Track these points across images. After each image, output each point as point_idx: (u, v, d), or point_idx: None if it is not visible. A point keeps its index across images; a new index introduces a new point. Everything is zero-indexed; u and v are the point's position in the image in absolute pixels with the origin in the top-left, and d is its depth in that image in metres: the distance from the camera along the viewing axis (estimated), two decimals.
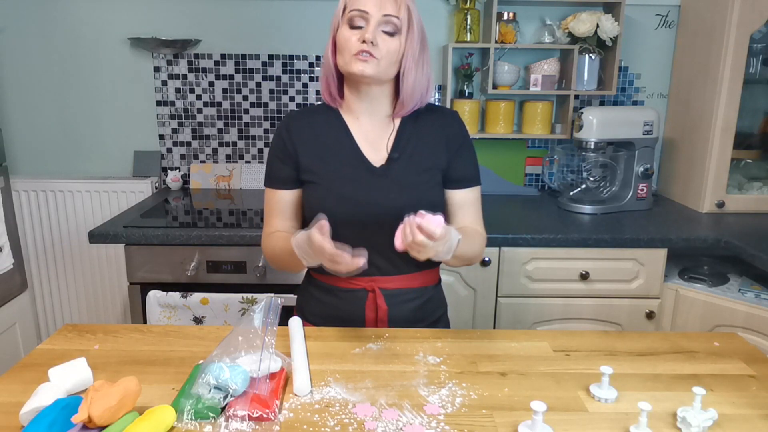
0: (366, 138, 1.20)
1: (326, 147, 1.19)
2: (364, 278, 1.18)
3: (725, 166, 2.09)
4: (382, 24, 1.10)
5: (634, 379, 0.99)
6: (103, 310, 2.50)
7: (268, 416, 0.84)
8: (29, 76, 2.38)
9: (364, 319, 1.21)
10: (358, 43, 1.09)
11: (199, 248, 1.82)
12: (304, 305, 1.29)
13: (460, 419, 0.86)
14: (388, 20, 1.10)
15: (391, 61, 1.12)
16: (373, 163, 1.18)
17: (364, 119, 1.20)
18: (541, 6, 2.31)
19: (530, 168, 2.49)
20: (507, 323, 1.89)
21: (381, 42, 1.10)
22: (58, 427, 0.78)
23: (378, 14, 1.09)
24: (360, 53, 1.09)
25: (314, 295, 1.26)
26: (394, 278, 1.20)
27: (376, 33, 1.09)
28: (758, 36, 2.05)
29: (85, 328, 1.14)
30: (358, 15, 1.10)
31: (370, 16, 1.09)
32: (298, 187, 1.21)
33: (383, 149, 1.20)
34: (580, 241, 1.82)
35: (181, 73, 2.39)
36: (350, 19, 1.11)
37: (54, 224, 2.42)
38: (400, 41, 1.11)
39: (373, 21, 1.09)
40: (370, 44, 1.08)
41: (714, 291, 1.81)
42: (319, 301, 1.25)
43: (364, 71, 1.10)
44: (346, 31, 1.11)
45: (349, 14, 1.11)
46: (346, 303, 1.21)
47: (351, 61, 1.10)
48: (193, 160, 2.47)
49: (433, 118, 1.23)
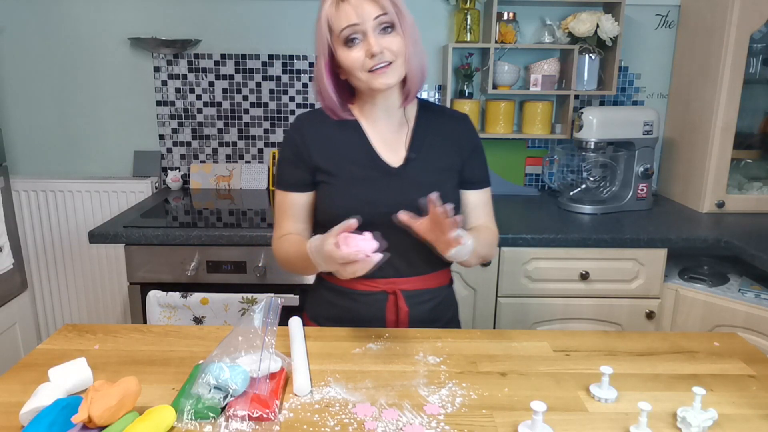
0: (381, 139, 1.20)
1: (340, 149, 1.18)
2: (382, 281, 1.17)
3: (725, 166, 2.09)
4: (376, 28, 1.07)
5: (634, 379, 0.99)
6: (103, 310, 2.50)
7: (268, 416, 0.84)
8: (29, 76, 2.38)
9: (384, 321, 1.20)
10: (368, 60, 1.07)
11: (199, 248, 1.82)
12: (317, 308, 1.27)
13: (460, 419, 0.86)
14: (380, 21, 1.07)
15: (402, 58, 1.11)
16: (390, 164, 1.18)
17: (380, 122, 1.20)
18: (541, 6, 2.31)
19: (530, 168, 2.49)
20: (507, 323, 1.89)
21: (386, 44, 1.08)
22: (58, 427, 0.78)
23: (369, 20, 1.06)
24: (375, 68, 1.08)
25: (327, 298, 1.24)
26: (411, 279, 1.20)
27: (377, 39, 1.07)
28: (758, 36, 2.05)
29: (85, 328, 1.14)
30: (350, 31, 1.07)
31: (362, 26, 1.06)
32: (311, 190, 1.21)
33: (399, 150, 1.20)
34: (580, 241, 1.82)
35: (181, 73, 2.39)
36: (345, 38, 1.08)
37: (54, 224, 2.42)
38: (399, 34, 1.09)
39: (369, 29, 1.07)
40: (380, 54, 1.07)
41: (714, 291, 1.81)
42: (334, 305, 1.23)
43: (389, 82, 1.09)
44: (346, 52, 1.09)
45: (342, 35, 1.08)
46: (365, 306, 1.20)
47: (370, 79, 1.09)
48: (193, 160, 2.47)
49: (446, 121, 1.24)
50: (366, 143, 1.19)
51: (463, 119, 1.26)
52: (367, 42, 1.07)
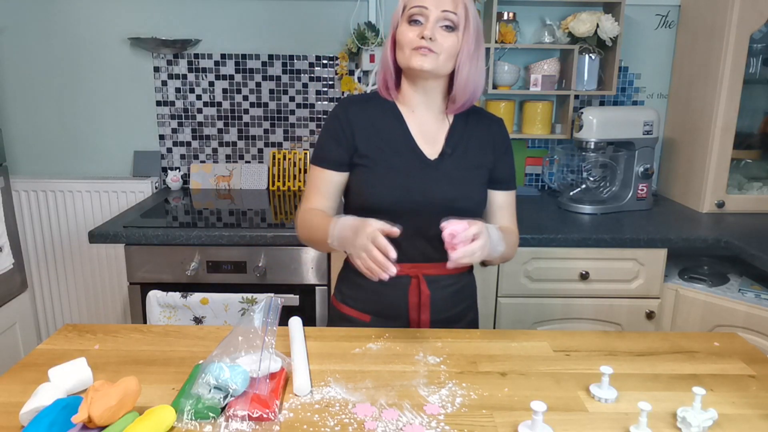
0: (420, 131, 1.24)
1: (382, 135, 1.23)
2: (407, 265, 1.20)
3: (725, 166, 2.09)
4: (440, 20, 1.13)
5: (634, 379, 0.99)
6: (103, 310, 2.50)
7: (268, 416, 0.84)
8: (29, 76, 2.38)
9: (407, 304, 1.24)
10: (418, 39, 1.13)
11: (199, 248, 1.82)
12: (346, 290, 1.32)
13: (460, 419, 0.86)
14: (446, 16, 1.13)
15: (449, 56, 1.15)
16: (427, 155, 1.22)
17: (420, 112, 1.25)
18: (541, 6, 2.31)
19: (530, 168, 2.49)
20: (507, 323, 1.89)
21: (440, 37, 1.13)
22: (58, 427, 0.78)
23: (436, 11, 1.13)
24: (419, 48, 1.13)
25: (356, 281, 1.27)
26: (436, 265, 1.23)
27: (435, 29, 1.13)
28: (758, 36, 2.05)
29: (85, 328, 1.14)
30: (417, 12, 1.14)
31: (429, 12, 1.13)
32: (347, 170, 1.24)
33: (437, 143, 1.24)
34: (580, 241, 1.82)
35: (181, 73, 2.39)
36: (410, 16, 1.15)
37: (54, 224, 2.42)
38: (457, 37, 1.15)
39: (432, 17, 1.13)
40: (429, 40, 1.12)
41: (714, 291, 1.81)
42: (361, 288, 1.27)
43: (423, 65, 1.14)
44: (405, 27, 1.16)
45: (408, 11, 1.15)
46: (390, 288, 1.22)
47: (411, 56, 1.15)
48: (193, 160, 2.47)
49: (482, 121, 1.29)
50: (406, 132, 1.23)
51: (498, 122, 1.31)
52: (426, 26, 1.13)
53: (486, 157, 1.27)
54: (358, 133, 1.22)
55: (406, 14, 1.16)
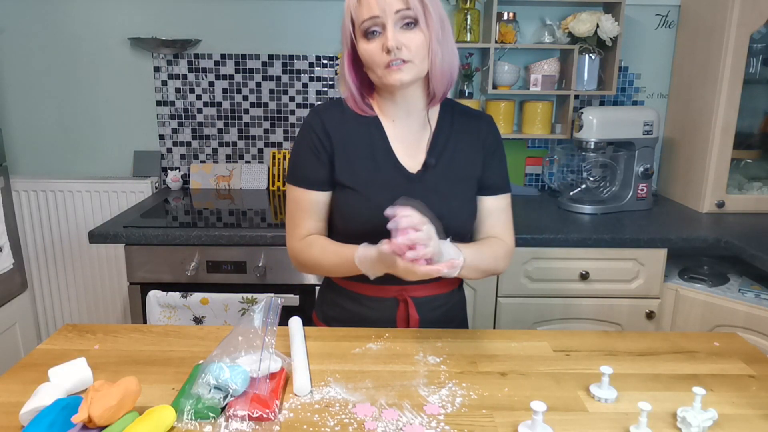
0: (402, 142, 1.15)
1: (360, 149, 1.14)
2: (393, 287, 1.14)
3: (725, 166, 2.09)
4: (397, 22, 1.03)
5: (634, 379, 0.99)
6: (103, 310, 2.50)
7: (268, 416, 0.84)
8: (29, 76, 2.38)
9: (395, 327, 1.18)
10: (384, 55, 1.03)
11: (199, 248, 1.82)
12: (327, 311, 1.25)
13: (460, 419, 0.86)
14: (402, 15, 1.03)
15: (422, 56, 1.05)
16: (408, 169, 1.14)
17: (400, 122, 1.15)
18: (541, 6, 2.31)
19: (530, 168, 2.49)
20: (507, 323, 1.89)
21: (405, 40, 1.03)
22: (58, 427, 0.78)
23: (390, 15, 1.02)
24: (390, 64, 1.04)
25: (337, 302, 1.22)
26: (424, 286, 1.16)
27: (396, 34, 1.02)
28: (758, 36, 2.05)
29: (85, 328, 1.14)
30: (370, 24, 1.03)
31: (382, 19, 1.02)
32: (330, 189, 1.16)
33: (419, 154, 1.15)
34: (580, 241, 1.82)
35: (181, 73, 2.39)
36: (364, 30, 1.05)
37: (54, 224, 2.42)
38: (422, 30, 1.04)
39: (389, 23, 1.02)
40: (397, 50, 1.02)
41: (714, 291, 1.81)
42: (343, 309, 1.21)
43: (402, 79, 1.05)
44: (365, 44, 1.06)
45: (362, 27, 1.05)
46: (374, 312, 1.18)
47: (384, 75, 1.05)
48: (193, 160, 2.47)
49: (470, 122, 1.19)
50: (386, 144, 1.15)
51: (488, 120, 1.21)
52: (385, 35, 1.03)
53: (475, 165, 1.17)
54: (337, 148, 1.13)
55: (361, 30, 1.05)
